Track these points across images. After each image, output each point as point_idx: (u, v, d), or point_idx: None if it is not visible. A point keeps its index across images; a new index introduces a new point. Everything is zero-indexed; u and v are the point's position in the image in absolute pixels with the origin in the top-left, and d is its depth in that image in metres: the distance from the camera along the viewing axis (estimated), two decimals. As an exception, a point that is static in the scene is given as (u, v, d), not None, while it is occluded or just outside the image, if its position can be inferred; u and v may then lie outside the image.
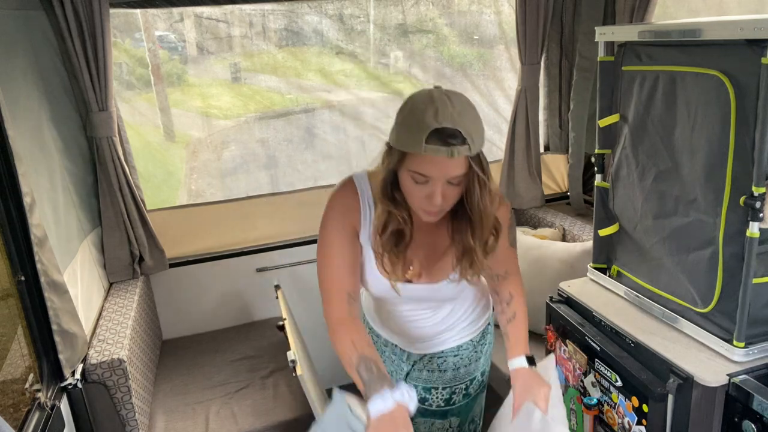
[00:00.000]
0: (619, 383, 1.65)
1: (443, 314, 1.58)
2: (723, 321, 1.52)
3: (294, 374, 1.74)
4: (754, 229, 1.38)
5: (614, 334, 1.72)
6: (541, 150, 3.19)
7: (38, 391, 1.71)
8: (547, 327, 1.99)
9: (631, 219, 1.79)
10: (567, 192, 3.15)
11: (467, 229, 1.32)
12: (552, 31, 2.94)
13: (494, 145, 3.18)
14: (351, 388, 1.58)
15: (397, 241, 1.34)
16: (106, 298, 2.35)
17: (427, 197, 1.22)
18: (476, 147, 1.18)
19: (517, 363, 1.43)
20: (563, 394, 1.96)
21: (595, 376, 1.76)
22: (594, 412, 1.78)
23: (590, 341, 1.74)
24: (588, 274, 2.02)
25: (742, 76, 1.35)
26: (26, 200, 1.64)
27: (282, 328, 2.17)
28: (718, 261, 1.48)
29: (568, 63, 3.01)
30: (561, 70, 3.06)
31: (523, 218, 3.08)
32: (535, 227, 2.95)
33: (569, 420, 1.95)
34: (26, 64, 1.99)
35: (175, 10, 2.66)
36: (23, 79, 1.95)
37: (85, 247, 2.25)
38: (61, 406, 1.77)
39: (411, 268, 1.41)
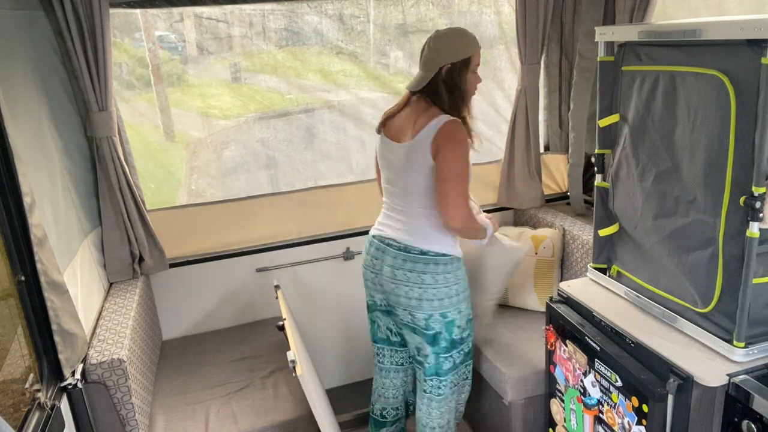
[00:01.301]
0: (619, 383, 1.66)
1: None
2: (723, 321, 1.52)
3: (294, 374, 1.74)
4: (754, 229, 1.38)
5: (614, 334, 1.72)
6: (541, 150, 3.19)
7: (38, 391, 1.71)
8: (547, 327, 1.99)
9: (631, 219, 1.79)
10: (567, 192, 3.16)
11: None
12: (552, 31, 2.94)
13: (494, 145, 3.18)
14: (349, 388, 1.58)
15: None
16: (106, 298, 2.35)
17: (477, 81, 2.02)
18: None
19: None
20: (563, 394, 1.96)
21: (595, 376, 1.76)
22: (594, 412, 1.78)
23: (590, 341, 1.74)
24: (588, 274, 2.03)
25: (742, 76, 1.35)
26: (26, 200, 1.64)
27: (282, 328, 2.17)
28: (718, 261, 1.48)
29: (568, 63, 3.01)
30: (561, 70, 3.06)
31: (523, 218, 3.08)
32: (535, 227, 2.95)
33: (569, 420, 1.95)
34: (26, 64, 1.99)
35: (175, 10, 2.66)
36: (23, 79, 1.95)
37: (85, 247, 2.25)
38: (61, 406, 1.77)
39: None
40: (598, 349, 1.71)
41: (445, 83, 1.95)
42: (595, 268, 2.00)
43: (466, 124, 1.98)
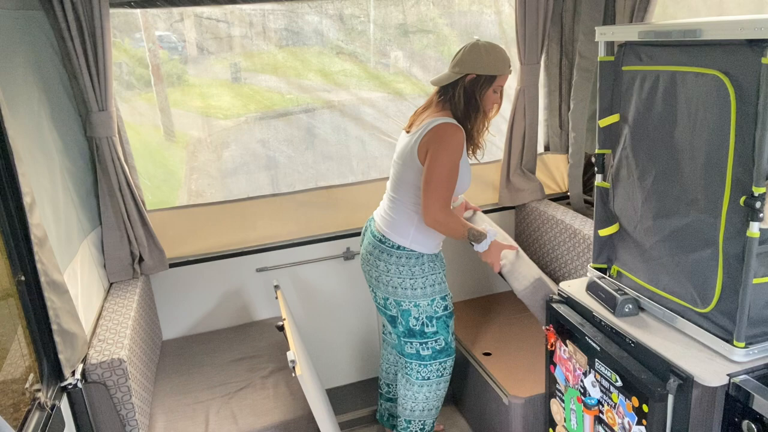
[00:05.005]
0: (619, 383, 1.65)
1: None
2: (723, 321, 1.52)
3: (294, 374, 1.74)
4: (754, 229, 1.38)
5: (614, 334, 1.72)
6: (541, 150, 3.19)
7: (38, 391, 1.71)
8: (547, 327, 1.99)
9: (632, 219, 1.79)
10: (567, 192, 3.16)
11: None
12: (552, 31, 2.93)
13: (493, 144, 3.18)
14: (349, 388, 1.58)
15: None
16: (106, 298, 2.35)
17: (496, 102, 2.13)
18: None
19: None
20: (563, 394, 1.96)
21: (595, 376, 1.76)
22: (594, 412, 1.78)
23: (590, 341, 1.74)
24: (588, 274, 2.03)
25: (743, 76, 1.35)
26: (26, 200, 1.64)
27: (282, 328, 2.17)
28: (718, 261, 1.48)
29: (568, 63, 3.01)
30: (561, 70, 3.06)
31: (524, 213, 3.08)
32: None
33: (569, 420, 1.95)
34: (26, 64, 1.99)
35: (175, 10, 2.66)
36: (23, 79, 1.95)
37: (85, 247, 2.26)
38: (61, 406, 1.77)
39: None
40: (598, 349, 1.71)
41: (464, 91, 2.04)
42: (595, 268, 2.00)
43: (471, 136, 2.08)
